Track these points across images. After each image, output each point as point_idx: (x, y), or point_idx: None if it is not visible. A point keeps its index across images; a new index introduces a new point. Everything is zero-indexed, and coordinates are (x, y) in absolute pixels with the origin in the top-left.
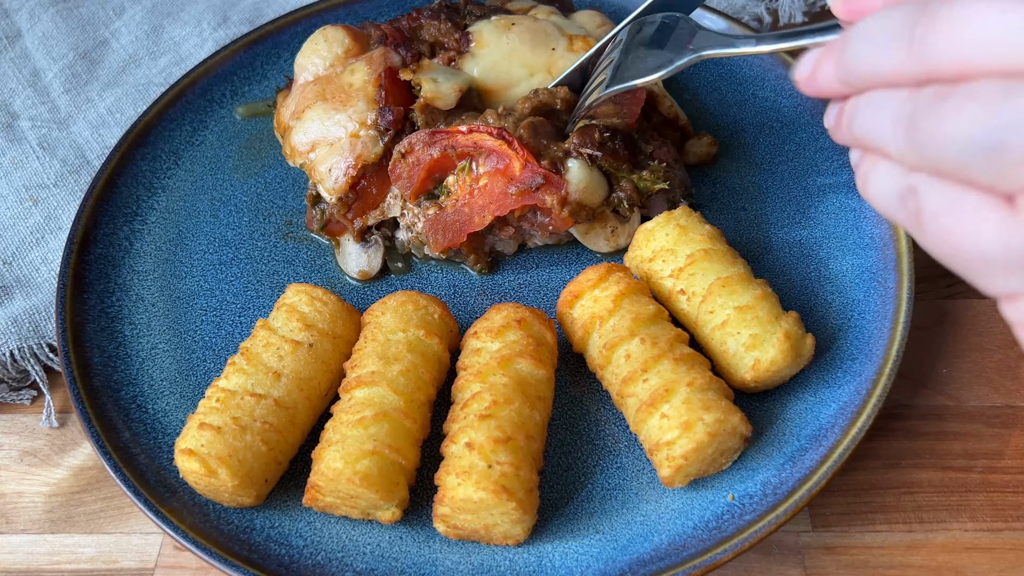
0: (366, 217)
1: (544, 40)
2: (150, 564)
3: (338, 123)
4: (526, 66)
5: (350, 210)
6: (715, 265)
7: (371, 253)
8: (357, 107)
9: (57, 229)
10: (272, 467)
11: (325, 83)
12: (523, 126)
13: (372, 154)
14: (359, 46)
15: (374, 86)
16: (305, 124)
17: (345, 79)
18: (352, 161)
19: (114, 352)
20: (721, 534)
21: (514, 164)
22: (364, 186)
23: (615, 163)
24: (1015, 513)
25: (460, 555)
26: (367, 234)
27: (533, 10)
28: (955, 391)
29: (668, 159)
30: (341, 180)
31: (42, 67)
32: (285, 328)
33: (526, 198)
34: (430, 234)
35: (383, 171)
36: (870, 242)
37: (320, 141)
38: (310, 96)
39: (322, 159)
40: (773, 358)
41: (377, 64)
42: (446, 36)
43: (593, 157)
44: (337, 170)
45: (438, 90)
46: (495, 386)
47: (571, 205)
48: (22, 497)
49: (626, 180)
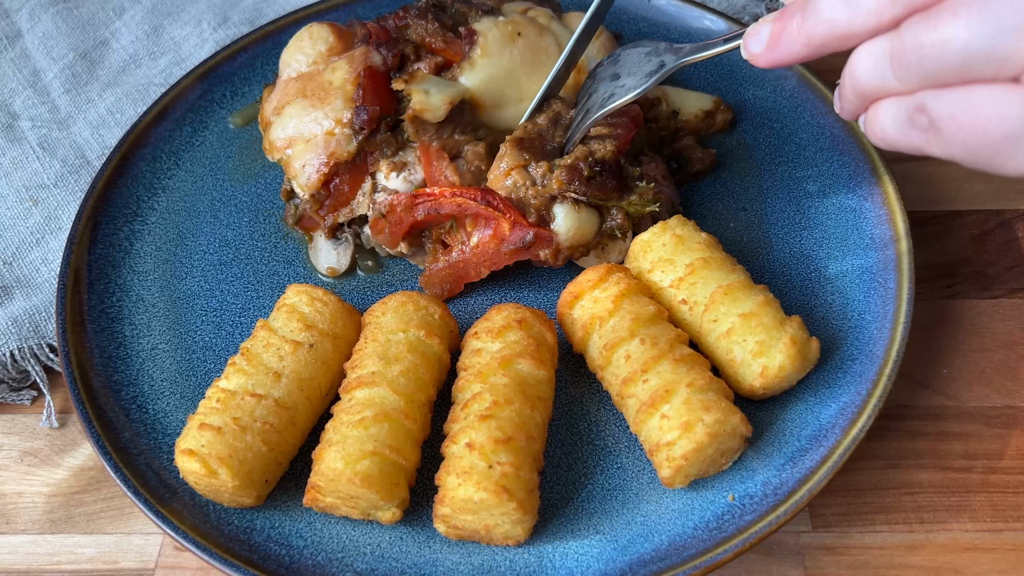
0: (337, 214)
1: (543, 63)
2: (150, 564)
3: (315, 120)
4: (519, 89)
5: (322, 207)
6: (715, 273)
7: (341, 250)
8: (334, 105)
9: (57, 229)
10: (272, 467)
11: (306, 80)
12: (509, 142)
13: (345, 152)
14: (343, 44)
15: (353, 85)
16: (284, 120)
17: (326, 77)
18: (325, 159)
19: (114, 352)
20: (721, 534)
21: (502, 225)
22: (337, 184)
23: (603, 196)
24: (1015, 514)
25: (460, 555)
26: (338, 231)
27: (531, 11)
28: (955, 391)
29: (657, 176)
30: (314, 177)
31: (42, 67)
32: (285, 328)
33: (520, 254)
34: (427, 287)
35: (356, 169)
36: (870, 243)
37: (297, 138)
38: (291, 92)
39: (297, 155)
40: (781, 364)
41: (357, 63)
42: (433, 37)
43: (579, 201)
44: (310, 167)
45: (428, 102)
46: (496, 386)
47: (565, 251)
48: (22, 497)
49: (616, 208)
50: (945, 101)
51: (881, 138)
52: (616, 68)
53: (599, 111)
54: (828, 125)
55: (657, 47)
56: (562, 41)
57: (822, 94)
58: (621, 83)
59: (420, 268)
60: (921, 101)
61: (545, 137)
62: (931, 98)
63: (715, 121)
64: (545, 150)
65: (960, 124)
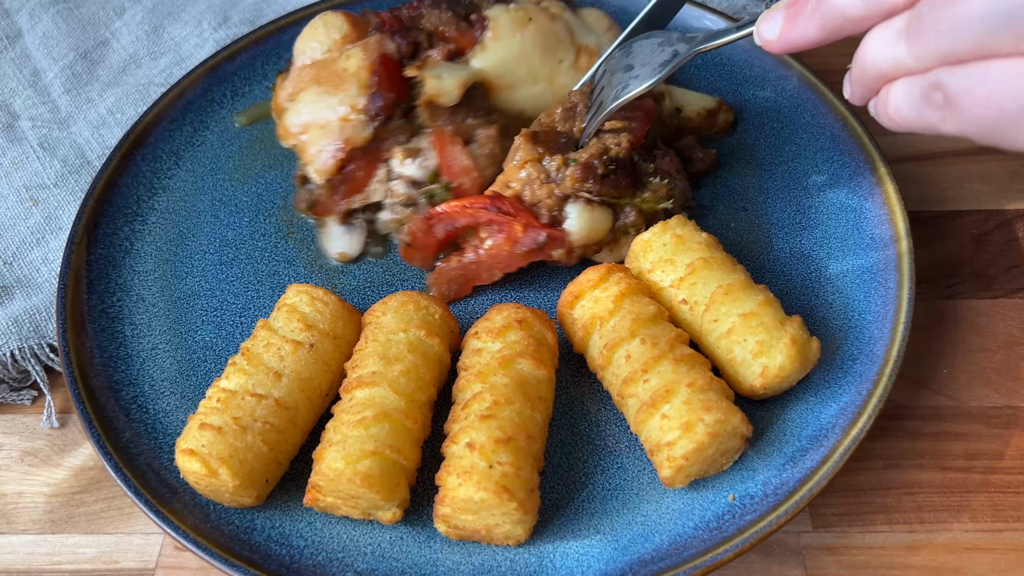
0: (351, 200)
1: (554, 47)
2: (151, 564)
3: (330, 107)
4: (531, 72)
5: (336, 192)
6: (715, 273)
7: (353, 236)
8: (349, 92)
9: (57, 229)
10: (273, 467)
11: (321, 67)
12: (524, 135)
13: (360, 138)
14: (357, 32)
15: (367, 72)
16: (299, 106)
17: (340, 64)
18: (341, 144)
19: (115, 352)
20: (722, 534)
21: (515, 227)
22: (351, 170)
23: (617, 194)
24: (1016, 514)
25: (461, 555)
26: (351, 217)
27: (544, 3)
28: (955, 391)
29: (671, 170)
30: (329, 162)
31: (42, 67)
32: (286, 328)
33: (533, 255)
34: (434, 285)
35: (370, 155)
36: (870, 243)
37: (312, 123)
38: (306, 79)
39: (312, 141)
40: (781, 364)
41: (372, 51)
42: (446, 25)
43: (592, 200)
44: (326, 153)
45: (441, 87)
46: (496, 386)
47: (578, 251)
48: (23, 497)
49: (630, 206)
50: (961, 76)
51: (895, 119)
52: (629, 59)
53: (614, 103)
54: (828, 125)
55: (669, 37)
56: (574, 29)
57: (822, 94)
58: (635, 74)
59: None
60: (937, 78)
61: (560, 130)
62: (946, 75)
63: (717, 121)
64: (559, 143)
65: (977, 99)
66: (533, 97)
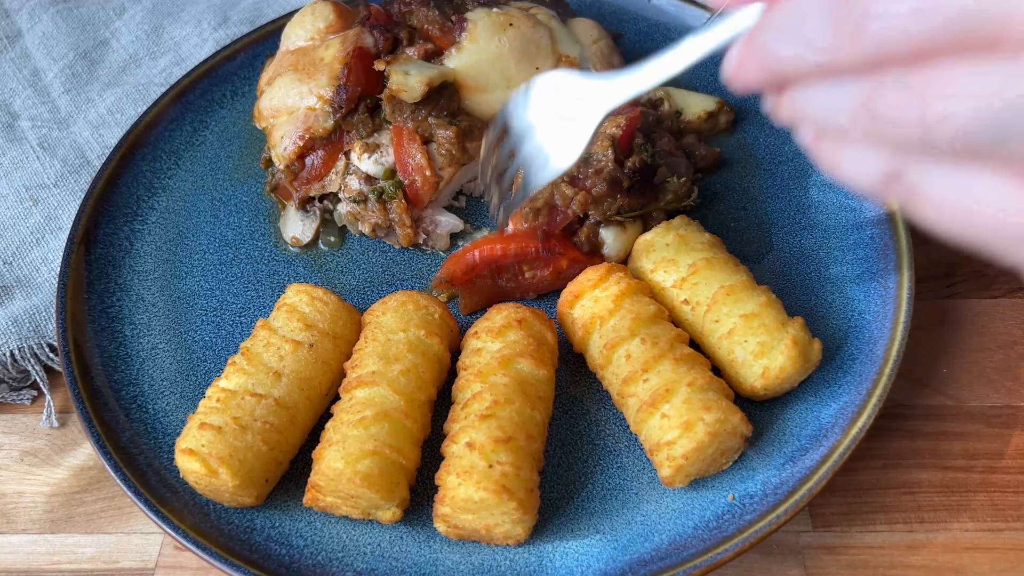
0: (308, 188)
1: (532, 53)
2: (150, 564)
3: (300, 94)
4: (505, 77)
5: (296, 178)
6: (718, 273)
7: (307, 223)
8: (319, 81)
9: (57, 229)
10: (273, 467)
11: (301, 55)
12: None
13: (321, 128)
14: (342, 23)
15: (340, 63)
16: (273, 91)
17: (319, 53)
18: (302, 132)
19: (114, 352)
20: (721, 534)
21: (561, 263)
22: (312, 159)
23: (643, 202)
24: (1015, 513)
25: (461, 555)
26: (309, 204)
27: (533, 9)
28: (955, 391)
29: (672, 148)
30: (290, 149)
31: (42, 67)
32: (286, 328)
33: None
34: (465, 298)
35: (332, 147)
36: (870, 242)
37: (282, 109)
38: (285, 65)
39: (279, 126)
40: (782, 365)
41: (349, 43)
42: (431, 24)
43: (623, 221)
44: (288, 139)
45: (405, 82)
46: (496, 386)
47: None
48: (22, 497)
49: (657, 212)
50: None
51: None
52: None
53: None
54: None
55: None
56: (557, 38)
57: None
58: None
59: (423, 268)
60: (904, 167)
61: None
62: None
63: (718, 122)
64: None
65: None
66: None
